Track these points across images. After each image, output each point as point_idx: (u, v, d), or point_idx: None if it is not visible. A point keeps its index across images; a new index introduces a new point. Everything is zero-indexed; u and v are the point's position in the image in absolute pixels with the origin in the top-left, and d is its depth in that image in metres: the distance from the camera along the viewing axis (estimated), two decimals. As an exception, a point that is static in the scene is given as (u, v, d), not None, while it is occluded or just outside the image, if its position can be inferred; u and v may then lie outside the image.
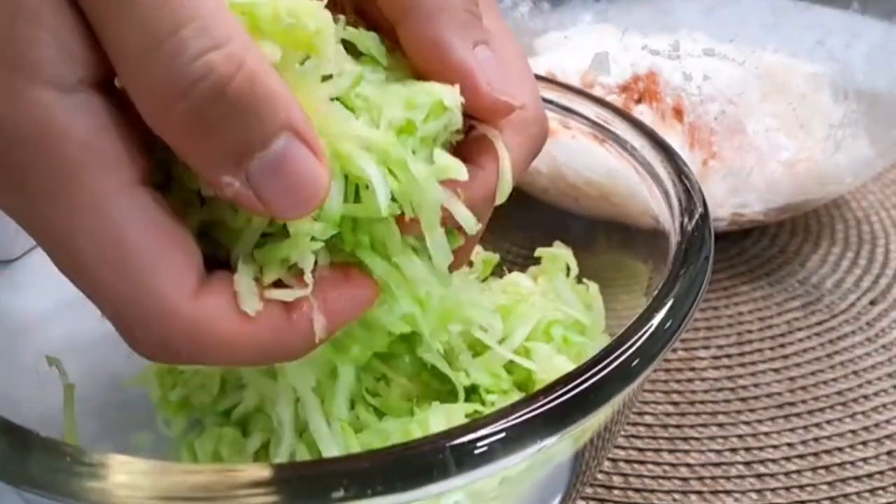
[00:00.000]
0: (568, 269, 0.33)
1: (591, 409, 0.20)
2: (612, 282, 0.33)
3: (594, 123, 0.33)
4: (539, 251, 0.34)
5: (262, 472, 0.18)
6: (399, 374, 0.27)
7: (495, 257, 0.36)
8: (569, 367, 0.27)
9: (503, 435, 0.18)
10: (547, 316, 0.29)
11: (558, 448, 0.23)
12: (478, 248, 0.36)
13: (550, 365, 0.28)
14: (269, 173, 0.19)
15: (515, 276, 0.33)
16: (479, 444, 0.18)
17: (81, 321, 0.30)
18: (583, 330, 0.30)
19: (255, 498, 0.17)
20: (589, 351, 0.29)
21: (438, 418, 0.25)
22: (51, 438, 0.19)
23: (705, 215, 0.26)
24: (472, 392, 0.28)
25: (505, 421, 0.19)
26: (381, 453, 0.18)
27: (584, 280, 0.33)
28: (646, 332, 0.22)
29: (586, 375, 0.20)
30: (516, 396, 0.28)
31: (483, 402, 0.27)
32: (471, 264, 0.36)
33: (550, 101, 0.33)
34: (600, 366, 0.20)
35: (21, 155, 0.18)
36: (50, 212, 0.18)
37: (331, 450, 0.24)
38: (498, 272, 0.35)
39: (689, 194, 0.27)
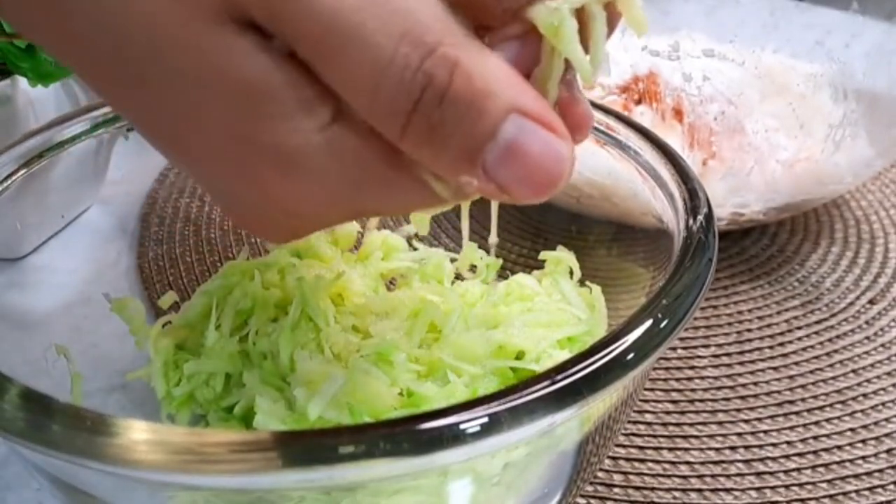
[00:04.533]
0: (571, 272, 0.33)
1: (595, 390, 0.20)
2: (613, 283, 0.33)
3: (594, 129, 0.33)
4: (543, 254, 0.34)
5: (279, 434, 0.18)
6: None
7: (498, 262, 0.36)
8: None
9: (506, 407, 0.19)
10: (562, 330, 0.30)
11: (558, 436, 0.23)
12: (481, 252, 0.36)
13: (552, 362, 0.28)
14: (503, 163, 0.18)
15: (520, 277, 0.33)
16: (485, 414, 0.19)
17: (86, 318, 0.30)
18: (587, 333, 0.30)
19: (271, 453, 0.18)
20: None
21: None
22: (70, 404, 0.19)
23: (710, 215, 0.26)
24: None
25: (507, 397, 0.19)
26: (393, 420, 0.19)
27: (587, 283, 0.33)
28: (644, 327, 0.22)
29: (586, 362, 0.20)
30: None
31: None
32: (474, 268, 0.36)
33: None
34: (597, 356, 0.20)
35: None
36: None
37: None
38: (501, 274, 0.36)
39: (693, 194, 0.27)
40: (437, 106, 0.18)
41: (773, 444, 0.35)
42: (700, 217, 0.27)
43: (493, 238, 0.36)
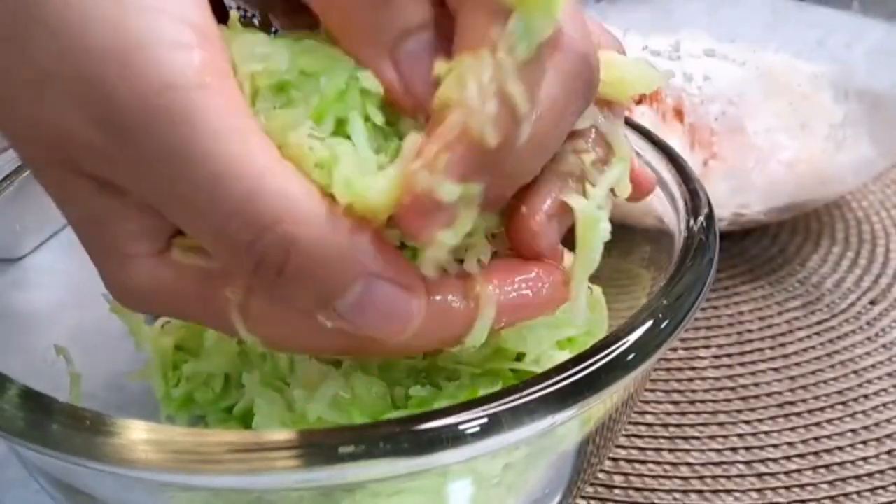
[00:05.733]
0: None
1: (596, 390, 0.20)
2: (614, 283, 0.33)
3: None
4: None
5: (278, 434, 0.18)
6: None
7: None
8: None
9: (506, 407, 0.19)
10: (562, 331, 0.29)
11: (559, 437, 0.23)
12: None
13: (552, 363, 0.28)
14: (352, 313, 0.19)
15: None
16: (485, 415, 0.19)
17: (85, 319, 0.30)
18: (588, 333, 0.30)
19: (270, 453, 0.18)
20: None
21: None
22: (70, 404, 0.20)
23: (711, 216, 0.26)
24: None
25: (508, 397, 0.19)
26: (393, 420, 0.19)
27: (588, 283, 0.33)
28: (645, 327, 0.22)
29: (586, 362, 0.20)
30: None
31: None
32: None
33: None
34: (597, 356, 0.21)
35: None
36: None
37: None
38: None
39: (694, 195, 0.27)
40: (274, 278, 0.19)
41: (774, 445, 0.35)
42: (701, 217, 0.26)
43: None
